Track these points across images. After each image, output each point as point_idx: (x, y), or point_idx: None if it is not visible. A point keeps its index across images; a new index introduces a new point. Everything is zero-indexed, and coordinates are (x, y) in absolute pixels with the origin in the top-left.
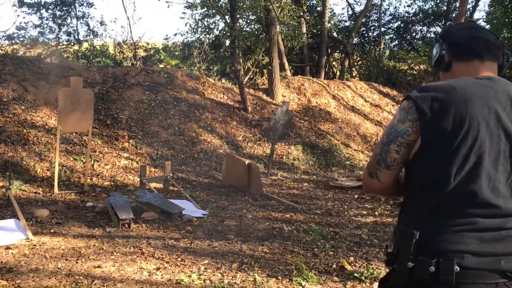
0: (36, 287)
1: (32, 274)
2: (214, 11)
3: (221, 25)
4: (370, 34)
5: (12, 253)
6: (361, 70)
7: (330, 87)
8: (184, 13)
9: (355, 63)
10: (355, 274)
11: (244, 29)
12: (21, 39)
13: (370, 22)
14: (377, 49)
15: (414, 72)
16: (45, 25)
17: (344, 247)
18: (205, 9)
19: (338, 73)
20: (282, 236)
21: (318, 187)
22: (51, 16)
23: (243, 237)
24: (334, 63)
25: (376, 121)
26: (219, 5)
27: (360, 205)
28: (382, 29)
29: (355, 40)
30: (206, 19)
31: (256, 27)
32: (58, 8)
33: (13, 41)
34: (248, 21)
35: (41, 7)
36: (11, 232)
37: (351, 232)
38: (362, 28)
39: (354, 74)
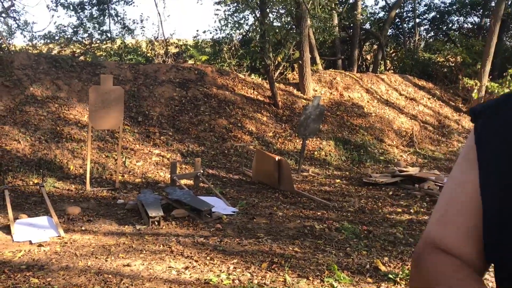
0: (66, 285)
1: (63, 272)
2: (243, 6)
3: (251, 20)
4: (405, 25)
5: (44, 250)
6: (395, 62)
7: (363, 81)
8: (218, 10)
9: (389, 56)
10: (390, 275)
11: (274, 23)
12: (56, 38)
13: (404, 13)
14: (412, 40)
15: (451, 64)
16: (79, 24)
17: (378, 246)
18: (235, 4)
19: (371, 66)
20: (313, 234)
21: (351, 184)
22: (87, 16)
23: (273, 236)
24: (367, 56)
25: (411, 115)
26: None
27: (394, 202)
28: (417, 20)
29: (389, 32)
30: (235, 14)
31: (286, 21)
32: (94, 7)
33: (48, 41)
34: (278, 15)
35: (77, 7)
36: (43, 230)
37: (385, 230)
38: (397, 20)
39: (388, 67)
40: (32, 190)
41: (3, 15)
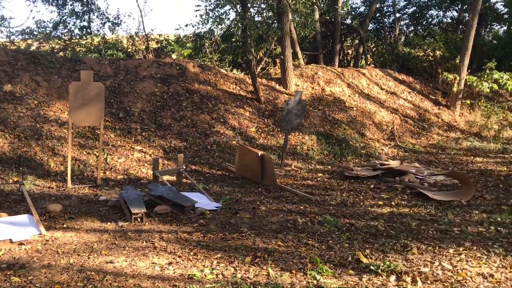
0: (48, 284)
1: (44, 270)
2: (224, 0)
3: (232, 15)
4: (385, 20)
5: (25, 249)
6: (376, 57)
7: (345, 75)
8: (198, 5)
9: (370, 50)
10: (372, 267)
11: (256, 18)
12: (35, 34)
13: (385, 8)
14: (392, 35)
15: (430, 58)
16: (60, 20)
17: (360, 239)
18: None
19: (352, 61)
20: (296, 228)
21: (333, 178)
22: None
23: (257, 230)
24: (348, 51)
25: (392, 109)
26: None
27: (376, 195)
28: (397, 14)
29: (370, 26)
30: (217, 9)
31: (267, 16)
32: (76, 2)
33: (27, 36)
34: (260, 10)
35: (58, 1)
36: (24, 228)
37: (367, 223)
38: (377, 14)
39: (369, 62)
40: (12, 188)
41: None
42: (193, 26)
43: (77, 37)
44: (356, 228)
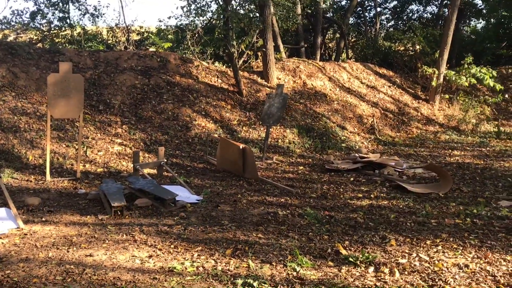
0: (26, 278)
1: (22, 264)
2: None
3: (214, 7)
4: (366, 14)
5: (2, 243)
6: (357, 51)
7: (326, 69)
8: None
9: (351, 44)
10: (350, 259)
11: (237, 10)
12: (12, 24)
13: (366, 2)
14: (373, 29)
15: (410, 52)
16: (37, 10)
17: (339, 231)
18: None
19: (334, 55)
20: (276, 220)
21: (314, 171)
22: (45, 1)
23: (238, 223)
24: (330, 44)
25: (372, 103)
26: None
27: (355, 188)
28: (378, 9)
29: (351, 20)
30: (198, 0)
31: (249, 9)
32: None
33: (3, 27)
34: (242, 2)
35: None
36: (1, 221)
37: (346, 215)
38: (358, 8)
39: (350, 56)
40: None
41: None
42: (175, 19)
43: (56, 28)
44: (335, 220)
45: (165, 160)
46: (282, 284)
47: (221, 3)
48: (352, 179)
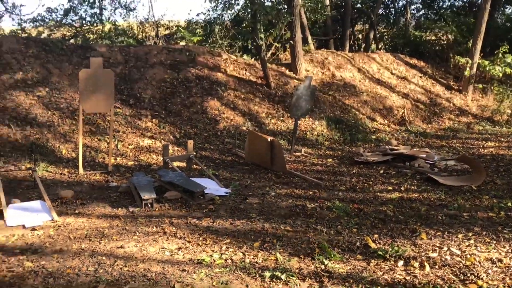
0: (60, 268)
1: (56, 255)
2: None
3: (242, 0)
4: (396, 4)
5: (38, 234)
6: (387, 41)
7: (355, 60)
8: None
9: (381, 35)
10: (380, 252)
11: (265, 3)
12: (46, 21)
13: None
14: (403, 19)
15: (442, 42)
16: (70, 7)
17: (368, 224)
18: None
19: (363, 45)
20: (305, 213)
21: (343, 163)
22: None
23: (266, 215)
24: (359, 35)
25: (403, 94)
26: None
27: (385, 180)
28: None
29: (381, 10)
30: None
31: (277, 1)
32: None
33: (37, 24)
34: None
35: None
36: (37, 213)
37: (376, 208)
38: None
39: (379, 46)
40: (25, 174)
41: None
42: (204, 14)
43: (88, 24)
44: (365, 213)
45: (194, 153)
46: (310, 277)
47: None
48: (382, 171)
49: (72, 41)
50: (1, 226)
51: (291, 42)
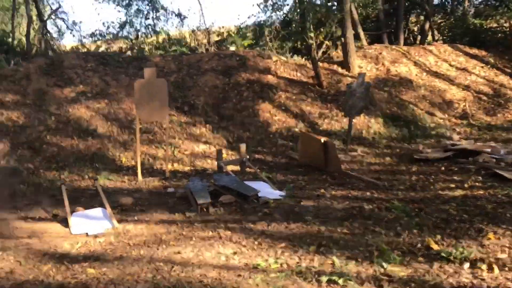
0: (121, 275)
1: (117, 262)
2: None
3: (290, 1)
4: None
5: (100, 241)
6: (444, 32)
7: (411, 53)
8: None
9: (437, 25)
10: (443, 254)
11: (314, 1)
12: (103, 35)
13: None
14: (461, 8)
15: (505, 29)
16: (126, 20)
17: (430, 224)
18: None
19: (418, 38)
20: (362, 215)
21: (401, 161)
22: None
23: (321, 218)
24: (414, 28)
25: (463, 86)
26: None
27: (447, 177)
28: None
29: (435, 1)
30: None
31: None
32: (140, 1)
33: (96, 38)
34: None
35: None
36: (98, 221)
37: (437, 207)
38: None
39: (436, 38)
40: (88, 184)
41: (53, 17)
42: (254, 16)
43: (143, 35)
44: (426, 213)
45: (248, 157)
46: (368, 281)
47: None
48: (443, 168)
49: (128, 53)
50: (67, 234)
51: (342, 39)
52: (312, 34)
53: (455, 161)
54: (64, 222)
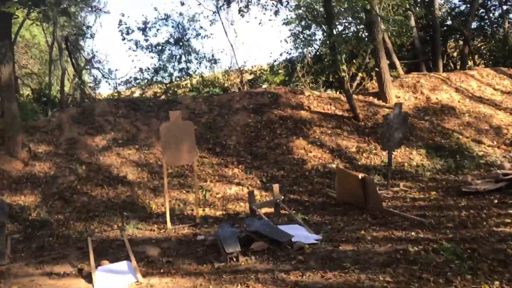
0: None
1: None
2: (310, 21)
3: (320, 35)
4: (491, 15)
5: None
6: (485, 55)
7: (451, 80)
8: (290, 29)
9: (477, 50)
10: None
11: (344, 33)
12: (137, 82)
13: (489, 2)
14: (501, 30)
15: None
16: (159, 66)
17: (485, 268)
18: (303, 22)
19: (458, 64)
20: (407, 259)
21: (449, 195)
22: (166, 57)
23: (361, 264)
24: (453, 54)
25: (510, 110)
26: (314, 14)
27: (501, 211)
28: (504, 7)
29: (474, 24)
30: (304, 31)
31: (357, 29)
32: (172, 46)
33: (130, 85)
34: (347, 24)
35: (155, 48)
36: (122, 275)
37: (493, 247)
38: (480, 10)
39: (477, 62)
40: (116, 234)
41: (88, 67)
42: (286, 53)
43: (177, 80)
44: (479, 254)
45: (282, 197)
46: None
47: (325, 29)
48: (496, 201)
49: (163, 97)
50: None
51: (377, 69)
52: (344, 67)
53: (509, 192)
54: (89, 278)
